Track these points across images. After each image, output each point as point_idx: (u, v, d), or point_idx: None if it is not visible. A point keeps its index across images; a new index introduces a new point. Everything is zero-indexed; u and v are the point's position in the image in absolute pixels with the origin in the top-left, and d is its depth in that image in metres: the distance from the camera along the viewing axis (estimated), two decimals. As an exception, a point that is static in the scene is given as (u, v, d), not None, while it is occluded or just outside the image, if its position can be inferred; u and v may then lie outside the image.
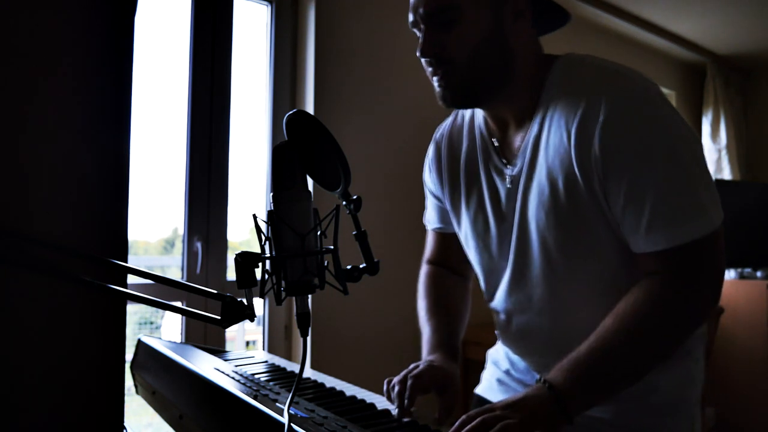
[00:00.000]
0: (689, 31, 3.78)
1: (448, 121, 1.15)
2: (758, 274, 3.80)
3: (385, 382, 0.93)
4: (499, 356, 1.16)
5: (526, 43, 0.95)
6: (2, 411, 0.56)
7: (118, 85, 0.62)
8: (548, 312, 0.98)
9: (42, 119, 0.58)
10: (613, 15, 3.38)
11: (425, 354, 1.03)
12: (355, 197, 0.72)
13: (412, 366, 0.95)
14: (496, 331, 1.13)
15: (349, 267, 0.70)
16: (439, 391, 0.93)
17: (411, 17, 0.94)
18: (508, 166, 0.98)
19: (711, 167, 4.15)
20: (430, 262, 1.24)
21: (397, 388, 0.89)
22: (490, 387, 1.15)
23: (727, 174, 4.11)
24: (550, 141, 0.91)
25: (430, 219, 1.22)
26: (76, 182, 0.60)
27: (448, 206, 1.12)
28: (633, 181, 0.83)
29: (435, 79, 0.95)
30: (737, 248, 3.80)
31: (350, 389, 0.96)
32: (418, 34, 0.94)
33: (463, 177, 1.07)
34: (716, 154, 4.15)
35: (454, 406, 0.92)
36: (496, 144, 1.02)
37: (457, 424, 0.75)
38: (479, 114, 1.06)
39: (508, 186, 0.98)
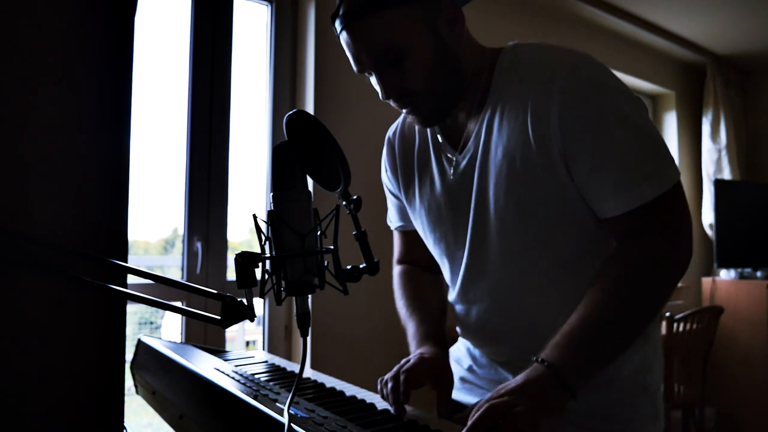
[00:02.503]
0: (689, 31, 3.78)
1: (400, 119, 1.17)
2: (758, 274, 3.80)
3: (378, 381, 0.93)
4: (460, 353, 1.16)
5: (466, 43, 0.97)
6: (2, 411, 0.56)
7: (118, 85, 0.62)
8: (506, 299, 0.99)
9: (42, 119, 0.58)
10: (613, 15, 3.38)
11: (413, 348, 1.03)
12: (355, 197, 0.72)
13: (403, 361, 0.95)
14: (456, 328, 1.13)
15: (349, 267, 0.71)
16: (434, 382, 0.93)
17: (355, 66, 0.94)
18: (459, 154, 1.00)
19: (711, 167, 4.14)
20: (400, 261, 1.25)
21: (390, 385, 0.89)
22: (453, 386, 1.15)
23: (727, 174, 4.11)
24: (503, 122, 0.93)
25: (392, 218, 1.24)
26: (76, 182, 0.60)
27: (405, 202, 1.13)
28: (594, 148, 0.86)
29: (404, 111, 0.98)
30: (737, 248, 3.80)
31: (350, 389, 0.96)
32: (371, 78, 0.95)
33: (416, 171, 1.08)
34: (716, 154, 4.15)
35: (450, 395, 0.92)
36: (441, 139, 1.04)
37: (471, 415, 0.75)
38: None
39: (461, 173, 0.99)
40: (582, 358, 0.82)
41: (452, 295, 1.08)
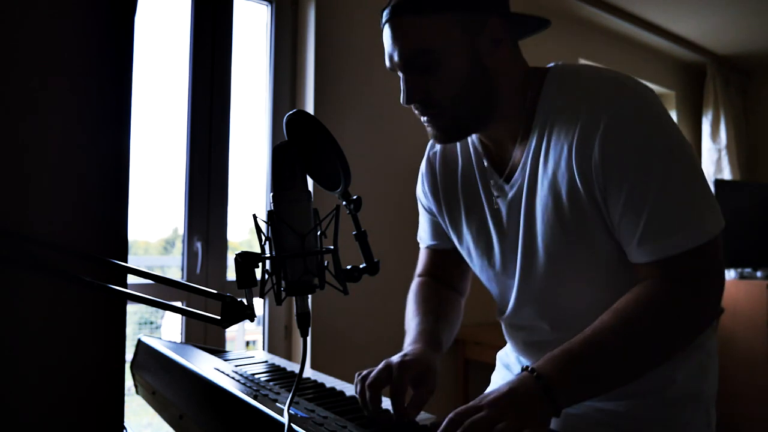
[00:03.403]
0: (689, 31, 3.78)
1: None
2: (758, 274, 3.80)
3: (356, 375, 0.88)
4: (510, 360, 1.15)
5: (509, 65, 0.94)
6: (2, 411, 0.56)
7: (118, 85, 0.62)
8: (557, 324, 0.98)
9: (42, 119, 0.58)
10: (613, 15, 3.38)
11: (406, 343, 1.00)
12: (355, 197, 0.72)
13: (384, 366, 0.88)
14: (506, 337, 1.13)
15: (349, 267, 0.70)
16: (414, 384, 0.88)
17: (387, 63, 0.93)
18: (507, 183, 0.98)
19: (711, 167, 4.15)
20: (421, 275, 1.22)
21: (369, 395, 0.84)
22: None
23: (727, 174, 4.11)
24: (550, 154, 0.90)
25: (424, 236, 1.21)
26: (76, 182, 0.60)
27: (446, 224, 1.11)
28: (632, 190, 0.83)
29: (424, 119, 0.94)
30: (737, 248, 3.80)
31: (350, 389, 0.96)
32: (399, 75, 0.93)
33: (461, 195, 1.06)
34: (716, 154, 4.15)
35: (426, 402, 0.87)
36: (486, 163, 1.02)
37: (444, 424, 0.72)
38: None
39: (510, 202, 0.97)
40: (573, 378, 0.79)
41: (505, 317, 1.07)
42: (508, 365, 1.16)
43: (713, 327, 1.01)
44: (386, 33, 0.91)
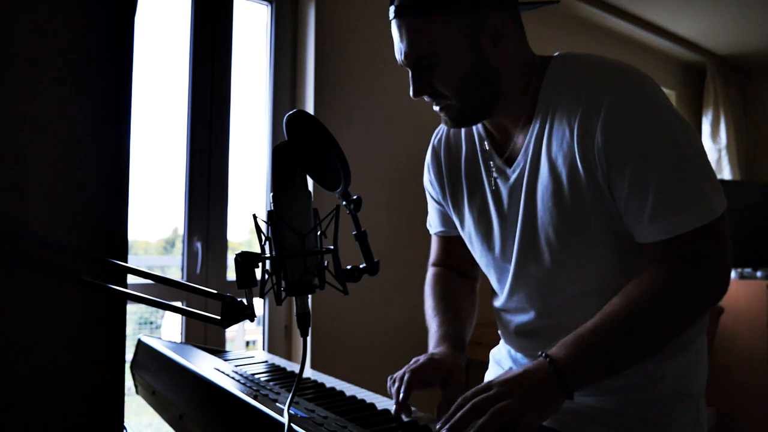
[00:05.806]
0: (689, 31, 3.78)
1: (443, 126, 1.16)
2: (758, 274, 3.80)
3: (388, 379, 0.93)
4: (501, 356, 1.16)
5: (511, 57, 0.96)
6: (2, 411, 0.56)
7: (118, 85, 0.62)
8: (551, 310, 0.99)
9: (42, 119, 0.58)
10: (613, 15, 3.38)
11: (431, 347, 1.03)
12: (355, 197, 0.72)
13: (413, 360, 0.95)
14: (499, 331, 1.14)
15: (349, 267, 0.71)
16: (442, 383, 0.92)
17: (398, 56, 0.96)
18: (509, 167, 1.00)
19: (711, 167, 4.15)
20: (436, 264, 1.25)
21: (396, 384, 0.90)
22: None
23: (727, 174, 4.11)
24: (552, 138, 0.92)
25: (433, 223, 1.23)
26: (76, 182, 0.60)
27: (450, 210, 1.13)
28: (636, 171, 0.85)
29: (437, 109, 0.98)
30: (737, 248, 3.79)
31: (350, 389, 0.96)
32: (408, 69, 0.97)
33: (464, 180, 1.08)
34: (716, 154, 4.15)
35: (456, 399, 0.91)
36: (490, 147, 1.04)
37: (453, 407, 0.75)
38: None
39: (511, 186, 0.99)
40: (586, 360, 0.82)
41: (498, 302, 1.09)
42: (499, 361, 1.17)
43: (704, 324, 1.02)
44: (394, 29, 0.94)
